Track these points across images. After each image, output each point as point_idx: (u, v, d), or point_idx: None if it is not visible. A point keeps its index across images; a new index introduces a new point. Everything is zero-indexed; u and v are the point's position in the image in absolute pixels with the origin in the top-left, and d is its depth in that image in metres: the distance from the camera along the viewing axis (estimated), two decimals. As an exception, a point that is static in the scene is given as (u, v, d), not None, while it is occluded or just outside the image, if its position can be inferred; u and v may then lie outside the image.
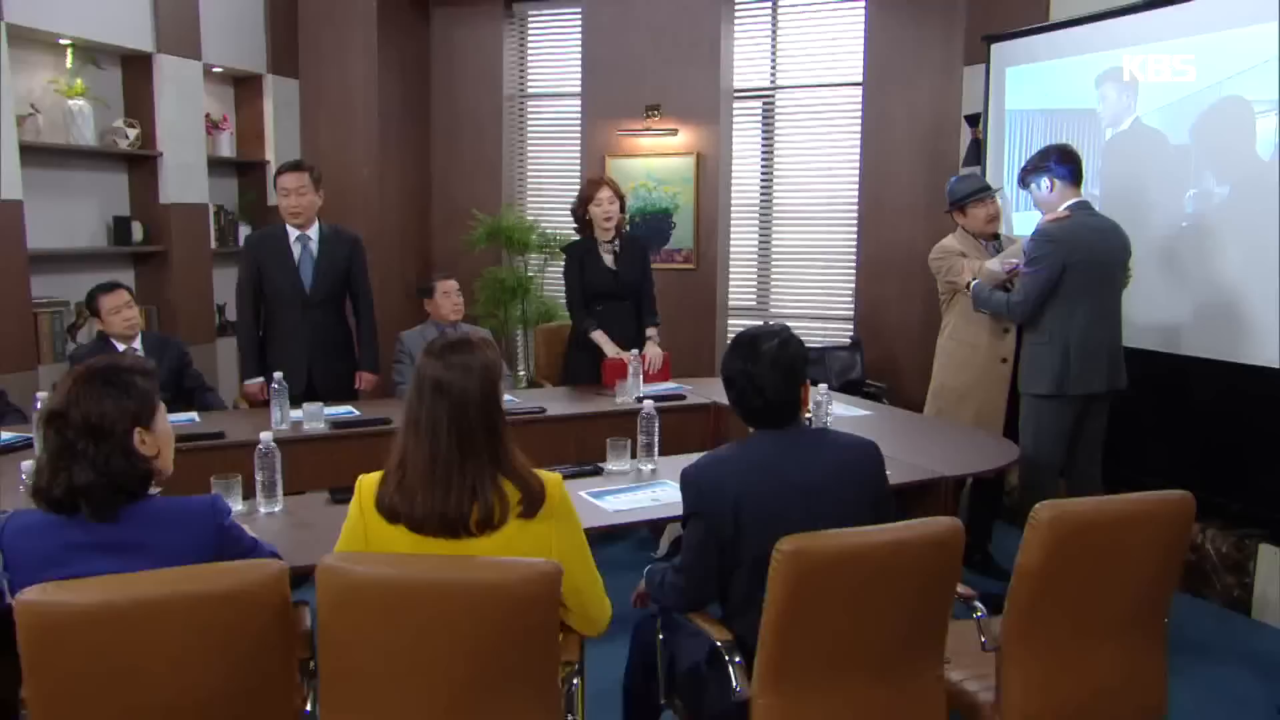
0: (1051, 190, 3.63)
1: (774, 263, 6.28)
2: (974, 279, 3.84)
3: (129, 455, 1.80)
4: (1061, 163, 3.62)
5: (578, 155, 6.43)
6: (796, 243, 6.22)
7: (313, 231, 4.10)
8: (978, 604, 2.19)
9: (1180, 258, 4.06)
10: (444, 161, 6.78)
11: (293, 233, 4.08)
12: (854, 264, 5.97)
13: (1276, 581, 3.67)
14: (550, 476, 1.98)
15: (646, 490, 2.85)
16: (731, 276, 6.32)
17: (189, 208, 5.46)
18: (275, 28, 6.04)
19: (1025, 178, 3.72)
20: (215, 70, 5.76)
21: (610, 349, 4.29)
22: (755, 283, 6.34)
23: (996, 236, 4.06)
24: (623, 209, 4.39)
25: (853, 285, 6.00)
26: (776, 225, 6.25)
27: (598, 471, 3.04)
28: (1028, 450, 3.64)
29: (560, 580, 1.75)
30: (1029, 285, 3.58)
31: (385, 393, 4.62)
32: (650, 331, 4.41)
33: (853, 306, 6.00)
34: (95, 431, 1.78)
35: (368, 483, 1.95)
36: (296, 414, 3.56)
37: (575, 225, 4.48)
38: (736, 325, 6.26)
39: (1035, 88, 4.72)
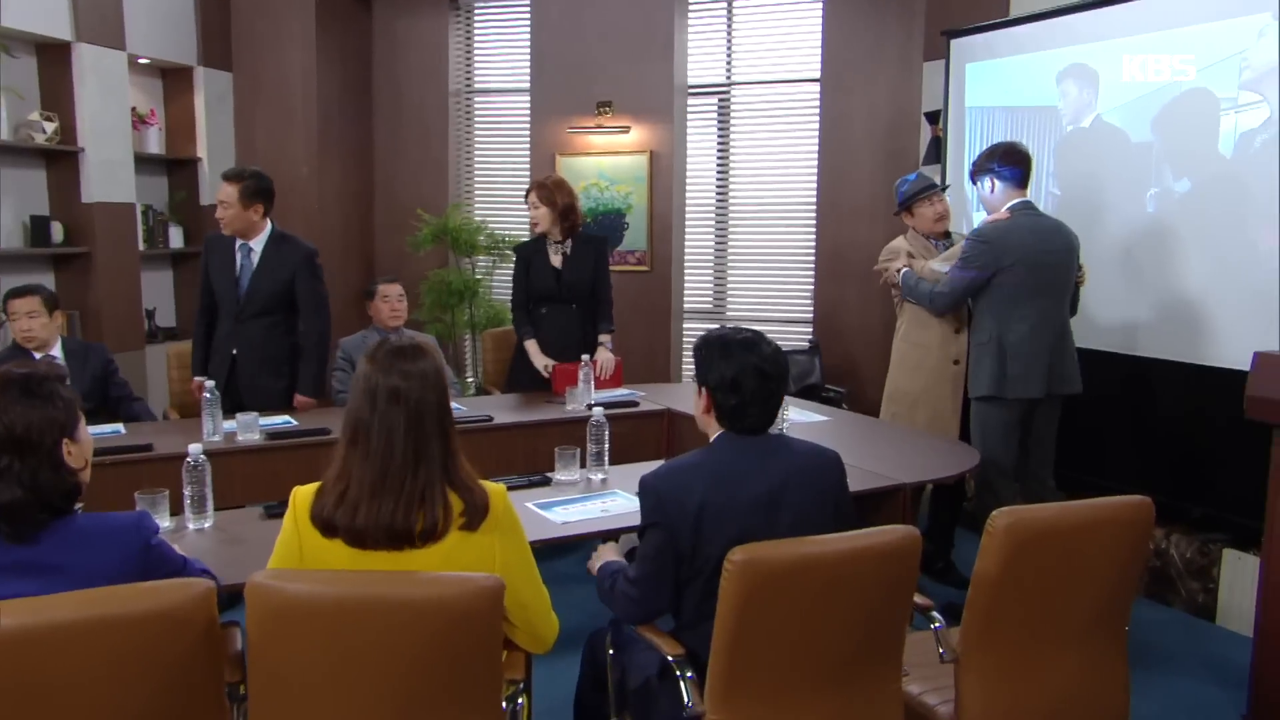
0: (994, 191, 3.71)
1: (730, 264, 6.32)
2: (904, 267, 3.91)
3: (58, 468, 1.76)
4: (1005, 164, 3.69)
5: (527, 153, 6.42)
6: (753, 243, 6.26)
7: (257, 242, 4.03)
8: (935, 614, 2.21)
9: (1141, 257, 4.15)
10: (388, 159, 6.73)
11: (237, 240, 4.03)
12: (812, 265, 6.02)
13: (1240, 587, 3.75)
14: (494, 487, 1.98)
15: (596, 501, 2.84)
16: (687, 278, 6.35)
17: (114, 207, 5.36)
18: (206, 17, 5.95)
19: (973, 176, 3.81)
20: (141, 61, 5.66)
21: (539, 361, 4.31)
22: (711, 285, 6.37)
23: (948, 235, 4.13)
24: (564, 212, 4.35)
25: (811, 287, 6.05)
26: (733, 225, 6.29)
27: (546, 482, 3.03)
28: (979, 454, 3.70)
29: (503, 595, 1.73)
30: (954, 281, 3.70)
31: (322, 401, 4.56)
32: (603, 337, 4.41)
33: (811, 309, 6.05)
34: (21, 445, 1.73)
35: (303, 495, 1.92)
36: (230, 424, 3.51)
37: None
38: (693, 329, 6.29)
39: (996, 84, 4.80)
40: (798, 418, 3.83)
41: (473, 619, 1.73)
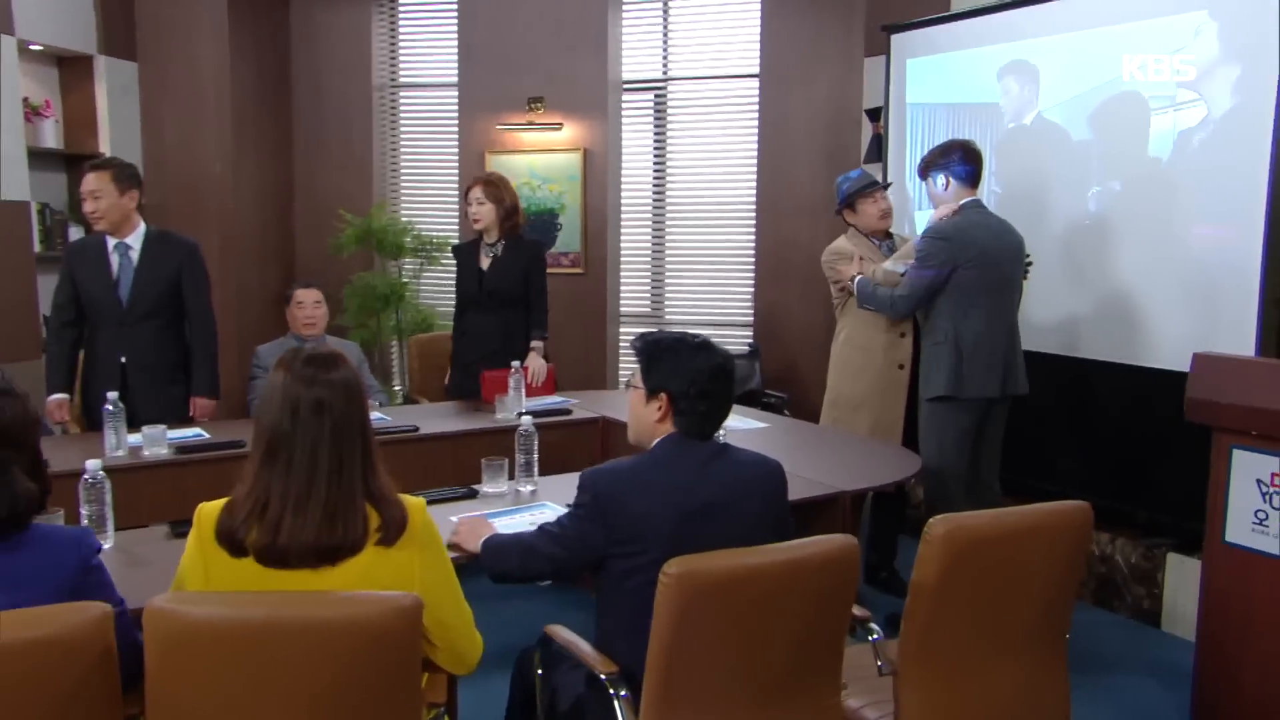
0: (947, 189, 3.77)
1: (668, 266, 6.35)
2: (859, 274, 3.95)
3: (37, 471, 1.77)
4: (963, 162, 3.75)
5: (456, 151, 6.37)
6: (692, 244, 6.29)
7: (133, 239, 3.90)
8: (873, 625, 2.24)
9: (1081, 258, 4.25)
10: (308, 157, 6.63)
11: (110, 240, 3.90)
12: (752, 266, 6.06)
13: (1185, 591, 3.85)
14: (413, 501, 1.95)
15: (525, 514, 2.82)
16: (623, 281, 6.36)
17: (5, 205, 5.19)
18: (107, 2, 5.80)
19: (924, 171, 3.86)
20: (33, 48, 5.49)
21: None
22: (649, 287, 6.39)
23: (890, 235, 4.19)
24: (509, 212, 4.35)
25: (751, 289, 6.09)
26: (670, 226, 6.32)
27: (472, 494, 3.01)
28: (931, 461, 3.75)
29: (420, 614, 1.72)
30: (914, 282, 3.72)
31: (239, 412, 4.48)
32: (535, 343, 4.39)
33: (751, 311, 6.09)
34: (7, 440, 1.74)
35: (208, 512, 1.88)
36: (134, 438, 3.43)
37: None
38: (629, 333, 6.29)
39: (937, 80, 4.89)
40: (736, 425, 3.84)
41: (389, 640, 1.71)
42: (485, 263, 4.37)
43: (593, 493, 2.17)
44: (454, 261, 4.53)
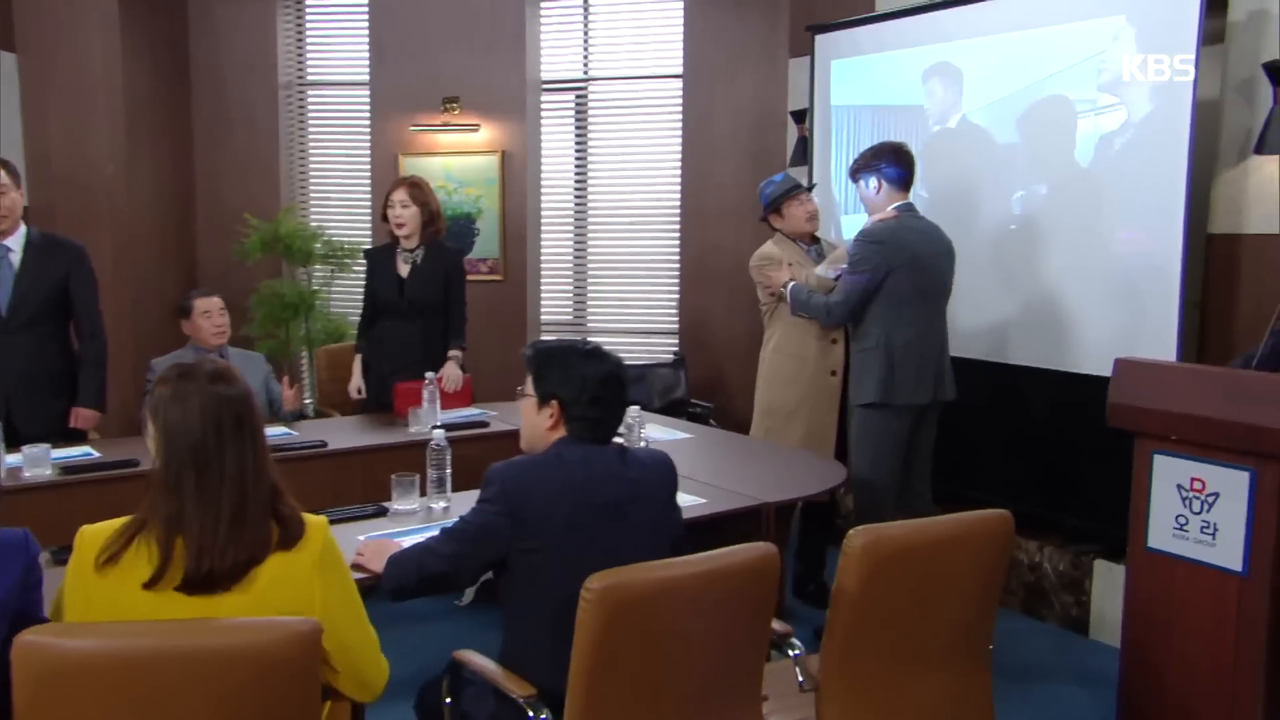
0: (878, 192, 3.82)
1: (591, 272, 6.35)
2: (791, 280, 3.99)
3: None
4: (893, 165, 3.81)
5: (368, 152, 6.30)
6: (615, 250, 6.30)
7: (14, 240, 3.78)
8: (794, 640, 2.26)
9: (1008, 262, 4.35)
10: (209, 158, 6.49)
11: None
12: (677, 273, 6.10)
13: (1111, 598, 3.95)
14: (314, 520, 1.92)
15: (438, 532, 2.79)
16: (544, 288, 6.34)
17: None
18: (-20, -12, 5.62)
19: (855, 174, 3.91)
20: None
21: (354, 382, 4.39)
22: (571, 295, 6.38)
23: (817, 239, 4.24)
24: (432, 217, 4.35)
25: (676, 296, 6.12)
26: (593, 231, 6.32)
27: (381, 512, 2.97)
28: (862, 469, 3.80)
29: (319, 640, 1.69)
30: (849, 288, 3.75)
31: (133, 428, 4.35)
32: (453, 351, 4.36)
33: (676, 319, 6.12)
34: None
35: (91, 536, 1.83)
36: (14, 458, 3.31)
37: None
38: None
39: (862, 82, 4.97)
40: (658, 436, 3.85)
41: (286, 668, 1.68)
42: (404, 270, 4.33)
43: (500, 485, 2.20)
44: (364, 267, 4.49)
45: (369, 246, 5.14)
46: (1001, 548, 2.28)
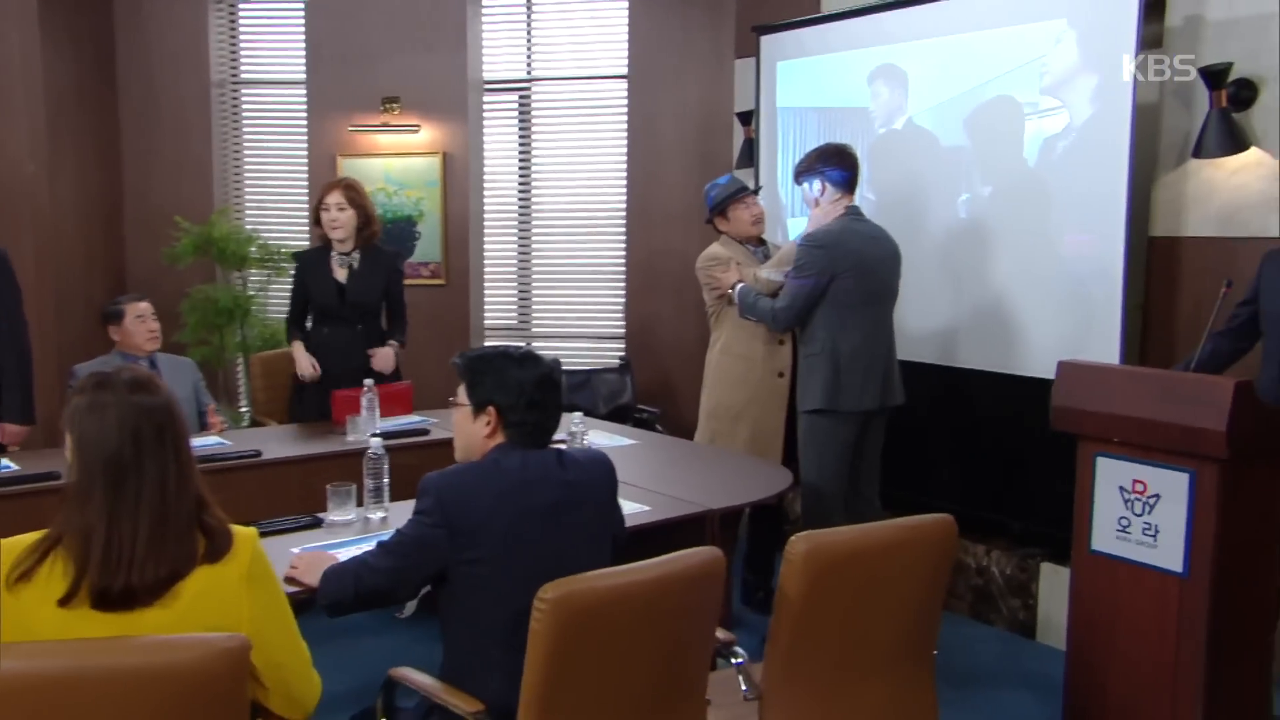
0: (822, 194, 3.85)
1: (535, 276, 6.33)
2: (739, 281, 4.01)
3: None
4: (836, 166, 3.84)
5: (304, 153, 6.23)
6: (560, 253, 6.29)
7: None
8: (738, 649, 2.27)
9: (956, 265, 4.41)
10: (138, 158, 6.38)
11: None
12: (623, 276, 6.10)
13: (1058, 601, 4.02)
14: (243, 532, 1.89)
15: (374, 542, 2.76)
16: (487, 292, 6.32)
17: None
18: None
19: (799, 177, 3.94)
20: None
21: (303, 362, 4.29)
22: (515, 299, 6.36)
23: (763, 241, 4.27)
24: (368, 219, 4.35)
25: (622, 300, 6.13)
26: (537, 234, 6.31)
27: (316, 524, 2.93)
28: (810, 475, 3.82)
29: (247, 657, 1.66)
30: (794, 292, 3.78)
31: (59, 439, 4.24)
32: (391, 342, 4.39)
33: (623, 323, 6.13)
34: None
35: (2, 553, 1.78)
36: (-71, 473, 3.23)
37: (319, 233, 4.44)
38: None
39: (807, 84, 5.01)
40: (603, 442, 3.85)
41: (212, 687, 1.65)
42: (341, 274, 4.31)
43: (436, 496, 2.18)
44: (297, 271, 4.44)
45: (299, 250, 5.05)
46: (944, 552, 2.31)
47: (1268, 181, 3.61)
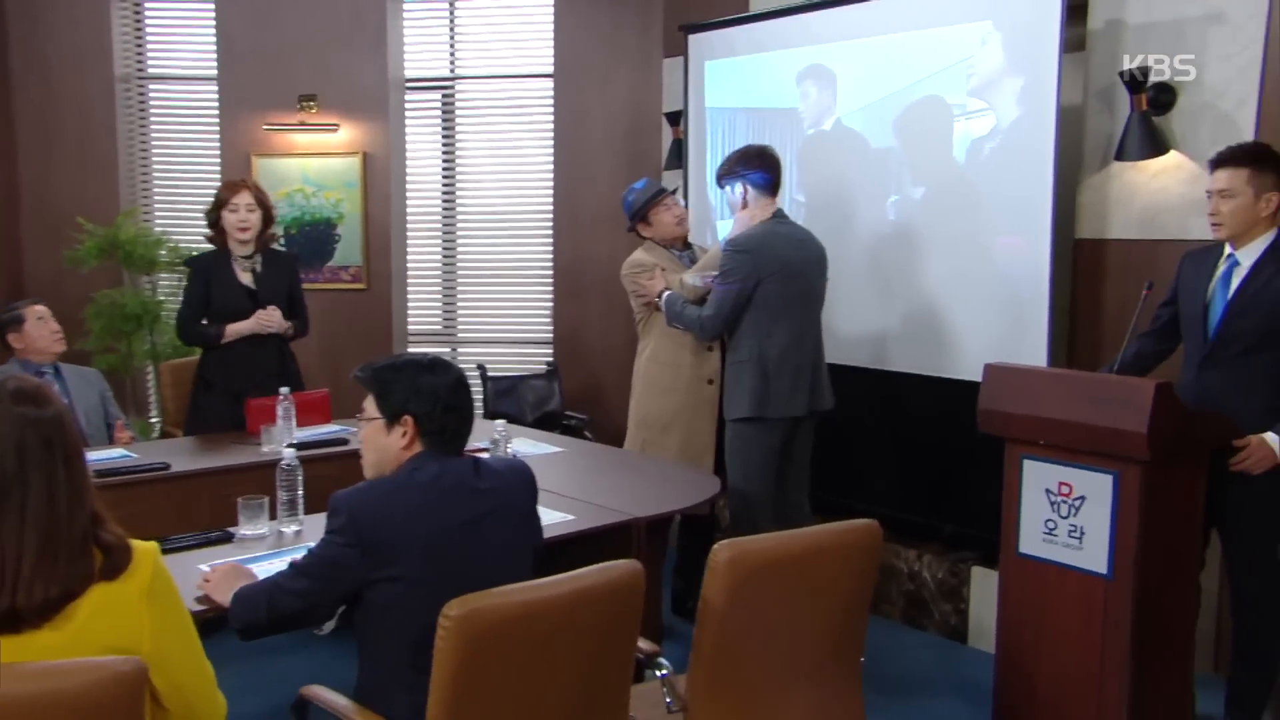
0: (744, 197, 3.88)
1: (460, 280, 6.30)
2: (666, 289, 4.03)
3: None
4: (758, 169, 3.86)
5: (217, 152, 6.13)
6: (486, 257, 6.27)
7: None
8: (662, 660, 2.28)
9: (886, 268, 4.47)
10: (36, 156, 6.22)
11: None
12: (550, 280, 6.10)
13: (989, 605, 4.09)
14: (143, 547, 1.85)
15: (289, 557, 2.72)
16: (410, 297, 6.27)
17: None
18: None
19: (720, 180, 3.96)
20: None
21: (258, 318, 4.22)
22: (440, 304, 6.32)
23: (689, 245, 4.29)
24: (269, 220, 4.33)
25: (550, 305, 6.13)
26: (462, 237, 6.28)
27: (226, 538, 2.89)
28: (737, 482, 3.85)
29: (144, 681, 1.63)
30: (720, 299, 3.80)
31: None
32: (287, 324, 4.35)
33: (550, 329, 6.13)
34: None
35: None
36: None
37: (208, 234, 4.34)
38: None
39: (736, 84, 5.05)
40: (528, 450, 3.84)
41: (106, 713, 1.60)
42: (246, 278, 4.26)
43: (348, 514, 2.15)
44: (194, 276, 4.33)
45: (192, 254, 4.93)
46: (870, 558, 2.34)
47: (1187, 184, 3.72)
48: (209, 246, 4.37)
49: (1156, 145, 3.74)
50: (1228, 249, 3.15)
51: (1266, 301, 3.02)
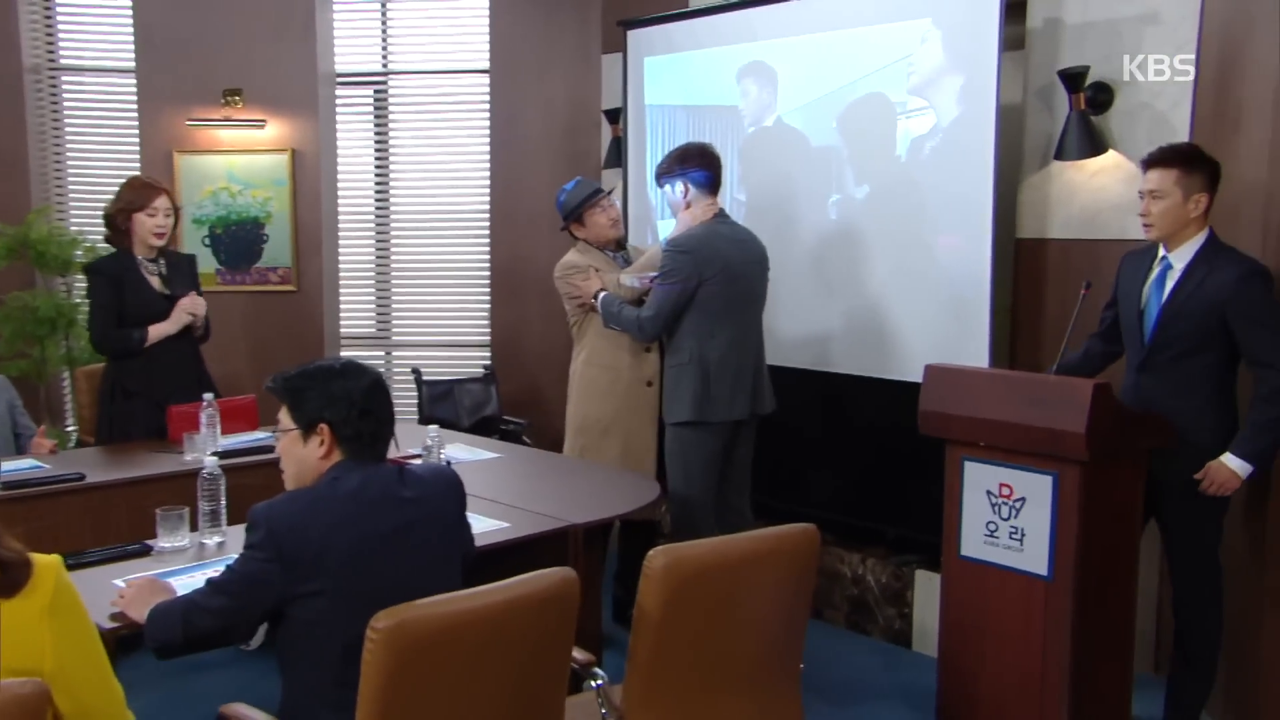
0: (685, 196, 3.89)
1: (394, 282, 6.26)
2: (602, 290, 4.03)
3: None
4: (699, 167, 3.88)
5: (136, 148, 6.01)
6: (421, 258, 6.24)
7: None
8: (597, 670, 2.28)
9: (828, 268, 4.51)
10: (-61, 152, 6.06)
11: None
12: (487, 282, 6.08)
13: (932, 609, 4.14)
14: (44, 560, 1.80)
15: (210, 570, 2.68)
16: (343, 299, 6.21)
17: None
18: None
19: (660, 179, 3.98)
20: None
21: (182, 308, 4.16)
22: (373, 306, 6.27)
23: (623, 245, 4.30)
24: (177, 222, 4.29)
25: (487, 307, 6.11)
26: (396, 237, 6.23)
27: (144, 551, 2.84)
28: (678, 487, 3.86)
29: (44, 705, 1.59)
30: (660, 300, 3.81)
31: None
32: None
33: (488, 331, 6.11)
34: None
35: None
36: None
37: (107, 236, 4.27)
38: (354, 358, 6.14)
39: (676, 80, 5.07)
40: (463, 456, 3.83)
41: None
42: (156, 282, 4.20)
43: (267, 527, 2.12)
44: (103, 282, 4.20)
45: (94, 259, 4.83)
46: (808, 563, 2.36)
47: (1125, 184, 3.80)
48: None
49: (1095, 145, 3.82)
50: (1161, 251, 3.20)
51: (1200, 305, 3.06)
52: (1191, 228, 3.12)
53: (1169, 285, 3.15)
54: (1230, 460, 3.03)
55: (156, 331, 4.14)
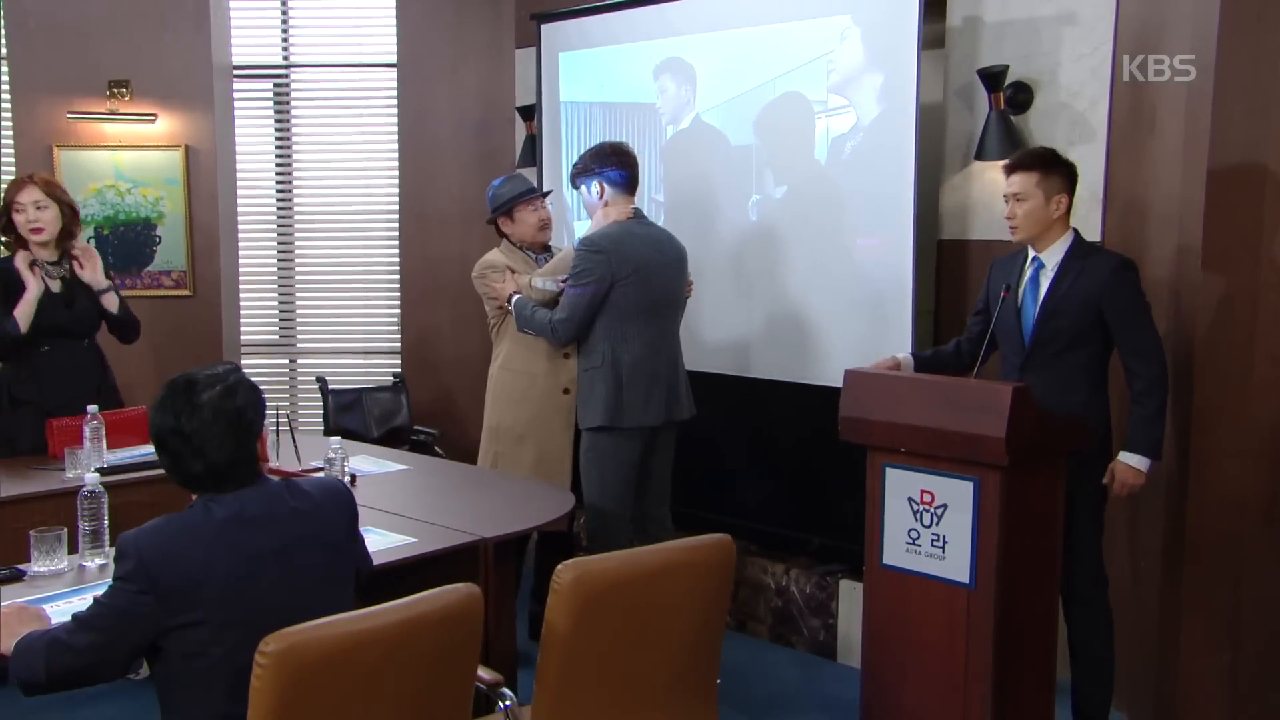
0: (601, 196, 3.91)
1: (299, 285, 6.18)
2: (516, 292, 4.02)
3: None
4: (615, 166, 3.90)
5: (10, 142, 5.85)
6: (327, 260, 6.17)
7: None
8: (505, 690, 2.27)
9: (748, 270, 4.55)
10: None
11: None
12: (397, 285, 6.04)
13: (856, 619, 4.19)
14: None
15: (91, 594, 2.60)
16: (244, 304, 6.11)
17: None
18: None
19: (575, 179, 3.99)
20: None
21: (32, 279, 3.99)
22: (276, 311, 6.19)
23: (548, 249, 4.30)
24: (72, 216, 4.14)
25: (397, 312, 6.06)
26: (300, 238, 6.16)
27: (17, 576, 2.74)
28: (593, 496, 3.87)
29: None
30: (573, 302, 3.81)
31: None
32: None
33: (398, 337, 6.06)
34: None
35: None
36: None
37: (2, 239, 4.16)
38: (256, 366, 6.06)
39: (591, 77, 5.08)
40: (368, 469, 3.79)
41: None
42: (55, 285, 4.08)
43: (137, 557, 2.04)
44: None
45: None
46: (723, 575, 2.37)
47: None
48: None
49: (1015, 145, 3.89)
50: (1031, 252, 3.35)
51: (1076, 301, 3.23)
52: (1056, 228, 3.30)
53: (1044, 284, 3.31)
54: (1129, 459, 3.19)
55: (25, 304, 3.96)
